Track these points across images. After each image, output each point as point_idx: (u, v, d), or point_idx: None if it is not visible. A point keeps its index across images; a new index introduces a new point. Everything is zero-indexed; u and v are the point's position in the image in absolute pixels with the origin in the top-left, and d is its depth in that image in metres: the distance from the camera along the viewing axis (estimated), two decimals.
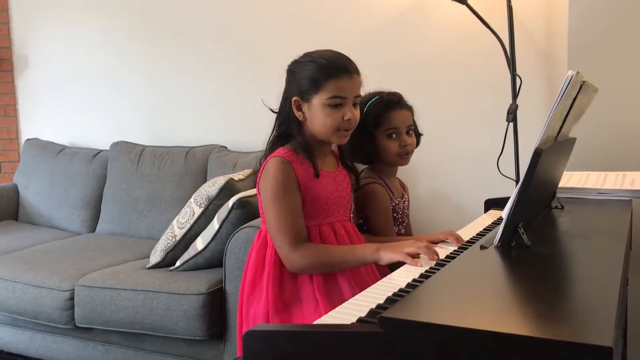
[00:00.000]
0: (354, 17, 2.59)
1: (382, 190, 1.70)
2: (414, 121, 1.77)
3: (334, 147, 1.60)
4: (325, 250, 1.43)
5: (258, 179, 1.49)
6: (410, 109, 1.76)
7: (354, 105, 1.45)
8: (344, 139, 1.47)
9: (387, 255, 1.30)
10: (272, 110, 1.54)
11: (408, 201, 1.83)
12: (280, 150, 1.47)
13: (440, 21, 2.44)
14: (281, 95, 1.51)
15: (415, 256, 1.23)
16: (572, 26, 2.01)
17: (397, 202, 1.74)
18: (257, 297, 1.47)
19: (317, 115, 1.43)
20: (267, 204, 1.45)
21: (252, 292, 1.49)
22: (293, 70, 1.48)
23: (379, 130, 1.70)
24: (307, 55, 1.48)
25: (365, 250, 1.37)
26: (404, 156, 1.72)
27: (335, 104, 1.42)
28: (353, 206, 1.61)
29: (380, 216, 1.69)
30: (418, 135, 1.80)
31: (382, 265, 1.39)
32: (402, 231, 1.78)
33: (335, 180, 1.52)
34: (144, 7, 3.08)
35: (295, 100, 1.46)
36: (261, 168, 1.48)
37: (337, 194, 1.52)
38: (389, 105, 1.70)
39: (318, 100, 1.42)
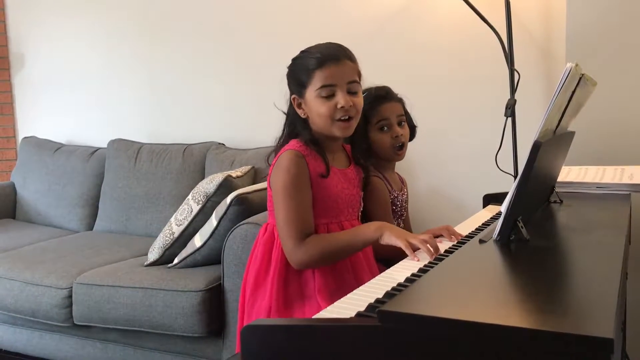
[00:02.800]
0: (352, 13, 2.58)
1: (381, 183, 1.70)
2: (406, 112, 1.76)
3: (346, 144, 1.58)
4: (329, 239, 1.40)
5: (270, 172, 1.47)
6: (400, 100, 1.75)
7: (351, 92, 1.43)
8: (345, 130, 1.44)
9: (389, 236, 1.30)
10: (284, 113, 1.53)
11: (407, 194, 1.83)
12: (294, 143, 1.45)
13: (437, 16, 2.43)
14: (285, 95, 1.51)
15: (415, 249, 1.22)
16: (570, 21, 2.01)
17: (396, 195, 1.74)
18: (262, 293, 1.46)
19: (312, 108, 1.42)
20: (278, 197, 1.42)
21: (256, 288, 1.47)
22: (290, 69, 1.49)
23: (371, 125, 1.69)
24: (301, 51, 1.48)
25: (368, 229, 1.36)
26: (398, 149, 1.71)
27: (327, 94, 1.40)
28: (362, 205, 1.60)
29: (380, 209, 1.68)
30: (413, 128, 1.80)
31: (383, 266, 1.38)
32: (402, 225, 1.78)
33: (346, 178, 1.51)
34: (141, 4, 3.07)
35: (294, 99, 1.46)
36: (274, 160, 1.47)
37: (348, 192, 1.50)
38: (377, 99, 1.70)
39: (310, 93, 1.42)
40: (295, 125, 1.48)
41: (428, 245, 1.21)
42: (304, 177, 1.41)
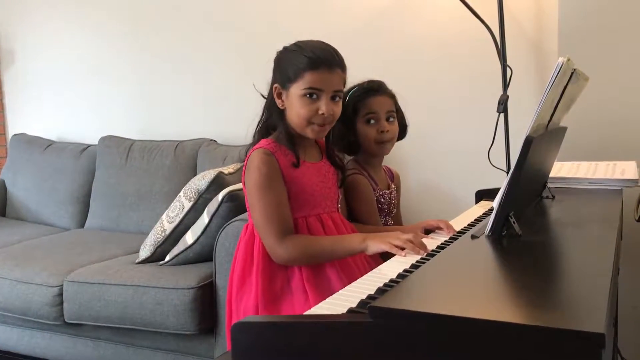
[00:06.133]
0: (343, 9, 2.57)
1: (364, 180, 1.68)
2: (398, 109, 1.73)
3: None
4: (312, 241, 1.42)
5: (243, 172, 1.48)
6: (391, 96, 1.72)
7: (334, 99, 1.43)
8: (319, 133, 1.45)
9: (374, 245, 1.30)
10: (262, 96, 1.52)
11: (396, 192, 1.81)
12: (263, 142, 1.47)
13: (429, 12, 2.43)
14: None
15: (401, 248, 1.22)
16: (562, 16, 2.01)
17: (381, 193, 1.72)
18: (247, 292, 1.46)
19: (293, 104, 1.42)
20: (252, 196, 1.44)
21: (241, 287, 1.48)
22: (279, 57, 1.48)
23: (358, 117, 1.67)
24: (295, 44, 1.46)
25: (353, 240, 1.36)
26: (383, 144, 1.68)
27: (311, 95, 1.40)
28: (341, 196, 1.60)
29: (364, 206, 1.67)
30: (404, 127, 1.78)
31: (373, 256, 1.38)
32: (391, 222, 1.76)
33: (319, 172, 1.51)
34: (131, 1, 3.04)
35: (275, 87, 1.46)
36: (245, 160, 1.47)
37: (323, 185, 1.50)
38: (367, 91, 1.68)
39: (295, 90, 1.41)
40: (272, 114, 1.49)
41: (412, 243, 1.21)
42: (276, 174, 1.42)
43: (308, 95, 1.40)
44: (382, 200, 1.72)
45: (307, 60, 1.40)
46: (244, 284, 1.47)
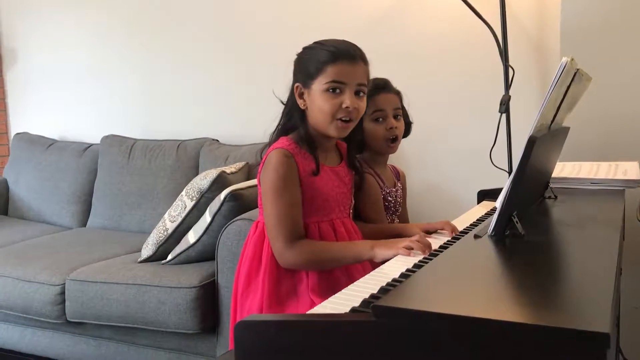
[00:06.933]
0: (345, 9, 2.57)
1: (371, 179, 1.68)
2: (402, 107, 1.74)
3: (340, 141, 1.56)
4: (320, 247, 1.40)
5: (259, 170, 1.45)
6: (397, 93, 1.72)
7: (358, 94, 1.40)
8: (342, 131, 1.41)
9: (381, 252, 1.29)
10: (281, 102, 1.50)
11: (402, 190, 1.81)
12: (283, 141, 1.43)
13: (431, 12, 2.43)
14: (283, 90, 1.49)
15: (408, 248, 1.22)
16: (564, 16, 2.01)
17: (388, 192, 1.72)
18: (253, 292, 1.45)
19: (315, 101, 1.39)
20: (266, 197, 1.41)
21: (247, 287, 1.46)
22: (299, 57, 1.45)
23: (366, 115, 1.67)
24: (315, 42, 1.44)
25: (362, 248, 1.35)
26: (392, 142, 1.68)
27: (334, 89, 1.37)
28: (353, 202, 1.59)
29: (372, 205, 1.67)
30: (408, 124, 1.78)
31: (377, 263, 1.38)
32: (397, 221, 1.76)
33: (337, 176, 1.49)
34: (132, 1, 3.05)
35: (297, 87, 1.43)
36: (263, 159, 1.44)
37: (338, 190, 1.48)
38: (374, 89, 1.67)
39: (317, 86, 1.38)
40: (293, 115, 1.45)
41: (419, 243, 1.20)
42: (293, 177, 1.39)
43: (331, 90, 1.37)
44: (389, 198, 1.72)
45: (328, 54, 1.37)
46: (250, 284, 1.46)
